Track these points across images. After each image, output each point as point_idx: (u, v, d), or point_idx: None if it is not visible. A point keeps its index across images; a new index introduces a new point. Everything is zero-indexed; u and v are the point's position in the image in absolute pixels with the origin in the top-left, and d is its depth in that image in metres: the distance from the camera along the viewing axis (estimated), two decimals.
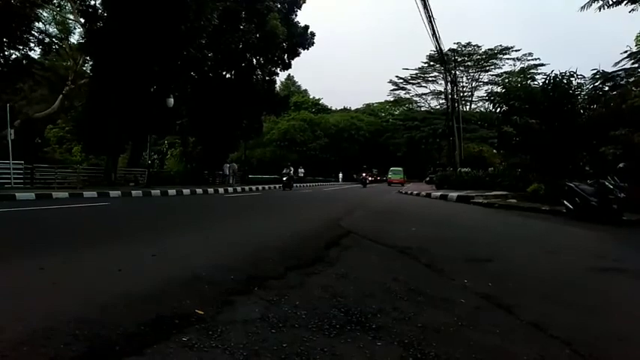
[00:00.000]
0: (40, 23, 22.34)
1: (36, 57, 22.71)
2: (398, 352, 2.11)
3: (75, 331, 2.14)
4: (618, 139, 11.04)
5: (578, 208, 9.15)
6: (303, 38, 28.70)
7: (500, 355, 2.13)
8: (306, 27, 28.87)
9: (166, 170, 31.59)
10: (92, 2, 19.80)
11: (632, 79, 13.21)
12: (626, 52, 13.93)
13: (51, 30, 25.55)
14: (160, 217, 8.73)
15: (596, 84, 13.64)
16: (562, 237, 7.04)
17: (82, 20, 19.80)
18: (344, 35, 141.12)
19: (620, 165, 9.39)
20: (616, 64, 14.33)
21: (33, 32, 19.28)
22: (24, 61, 19.40)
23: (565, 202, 9.70)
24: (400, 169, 45.36)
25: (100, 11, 18.96)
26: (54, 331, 2.14)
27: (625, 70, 13.75)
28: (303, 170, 40.80)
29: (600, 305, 3.11)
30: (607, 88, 13.59)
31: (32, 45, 19.62)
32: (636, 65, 13.73)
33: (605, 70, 13.59)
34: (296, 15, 28.92)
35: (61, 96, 24.70)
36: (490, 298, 3.10)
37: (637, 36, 15.85)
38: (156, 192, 15.99)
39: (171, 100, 19.35)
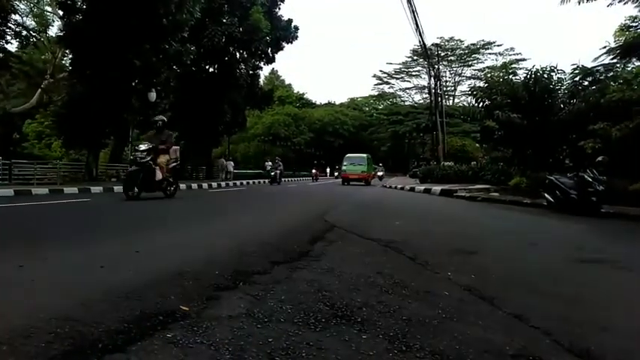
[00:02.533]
0: (17, 15, 21.80)
1: (13, 50, 22.17)
2: (383, 345, 2.13)
3: (56, 329, 2.10)
4: (597, 133, 11.26)
5: (559, 201, 9.32)
6: (286, 32, 28.55)
7: (484, 345, 2.16)
8: (290, 21, 28.74)
9: None
10: None
11: (610, 74, 13.46)
12: (605, 47, 14.19)
13: (28, 22, 24.96)
14: (142, 214, 8.62)
15: (576, 79, 13.88)
16: (543, 229, 7.17)
17: (61, 12, 19.35)
18: (328, 30, 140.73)
19: (599, 158, 9.59)
20: (595, 59, 14.60)
21: (9, 24, 18.82)
22: (0, 54, 18.92)
23: (546, 195, 9.88)
24: (364, 156, 30.66)
25: (79, 3, 18.54)
26: (34, 329, 2.10)
27: (604, 65, 14.00)
28: (271, 164, 36.85)
29: (580, 296, 3.17)
30: (586, 83, 13.83)
31: (9, 38, 19.21)
32: (615, 60, 14.00)
33: (585, 65, 13.84)
34: (279, 8, 28.75)
35: (39, 90, 24.20)
36: (473, 291, 3.14)
37: (616, 31, 16.15)
38: None
39: (154, 95, 19.09)
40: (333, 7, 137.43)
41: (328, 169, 51.86)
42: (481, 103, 15.54)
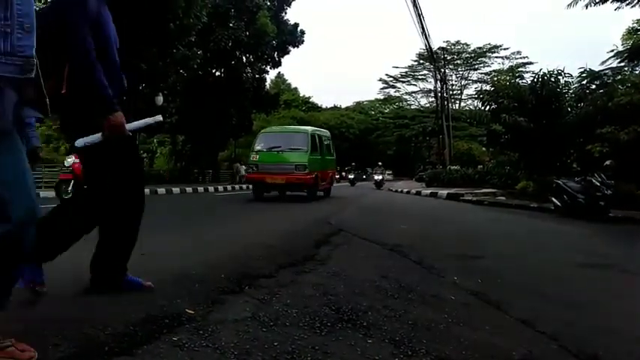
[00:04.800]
0: None
1: None
2: (389, 350, 2.12)
3: (62, 331, 2.11)
4: (605, 137, 11.19)
5: (566, 205, 9.26)
6: (293, 36, 28.64)
7: (490, 351, 2.15)
8: (296, 25, 28.82)
9: (155, 169, 31.37)
10: None
11: (618, 78, 13.38)
12: (612, 50, 14.13)
13: None
14: (149, 216, 8.65)
15: (584, 82, 13.81)
16: (550, 233, 7.12)
17: None
18: (333, 33, 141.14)
19: (607, 162, 9.52)
20: (603, 62, 14.55)
21: None
22: None
23: (553, 199, 9.81)
24: (306, 130, 14.48)
25: None
26: (43, 330, 2.11)
27: (612, 68, 13.95)
28: (245, 167, 31.28)
29: (587, 300, 3.15)
30: (594, 87, 13.76)
31: None
32: (623, 64, 13.92)
33: (593, 68, 13.77)
34: (286, 13, 28.86)
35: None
36: (479, 295, 3.13)
37: (623, 34, 16.07)
38: (145, 191, 15.87)
39: (160, 99, 19.20)
40: (339, 12, 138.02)
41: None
42: (488, 107, 15.49)
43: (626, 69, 13.93)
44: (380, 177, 26.61)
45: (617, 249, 5.71)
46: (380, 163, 29.78)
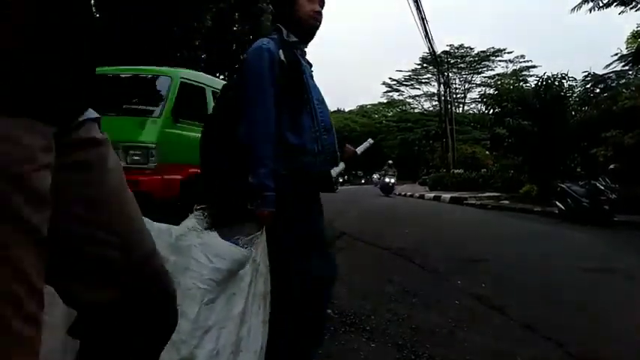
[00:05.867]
0: None
1: None
2: (392, 354, 2.12)
3: None
4: (609, 141, 11.14)
5: (570, 210, 9.21)
6: None
7: (494, 356, 2.14)
8: None
9: None
10: None
11: (622, 81, 13.34)
12: (616, 54, 14.08)
13: None
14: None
15: (588, 86, 13.78)
16: (554, 238, 7.09)
17: None
18: (336, 37, 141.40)
19: (611, 166, 9.47)
20: (607, 66, 14.48)
21: None
22: None
23: (557, 203, 9.76)
24: (173, 73, 5.27)
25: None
26: None
27: (616, 72, 13.87)
28: None
29: (591, 305, 3.13)
30: (598, 90, 13.71)
31: None
32: (627, 67, 13.88)
33: (596, 72, 13.74)
34: None
35: None
36: (483, 299, 3.12)
37: (627, 38, 16.03)
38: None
39: None
40: (343, 15, 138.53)
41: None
42: (491, 110, 15.45)
43: (630, 72, 13.89)
44: (391, 180, 20.23)
45: (621, 254, 5.67)
46: (390, 162, 22.28)
